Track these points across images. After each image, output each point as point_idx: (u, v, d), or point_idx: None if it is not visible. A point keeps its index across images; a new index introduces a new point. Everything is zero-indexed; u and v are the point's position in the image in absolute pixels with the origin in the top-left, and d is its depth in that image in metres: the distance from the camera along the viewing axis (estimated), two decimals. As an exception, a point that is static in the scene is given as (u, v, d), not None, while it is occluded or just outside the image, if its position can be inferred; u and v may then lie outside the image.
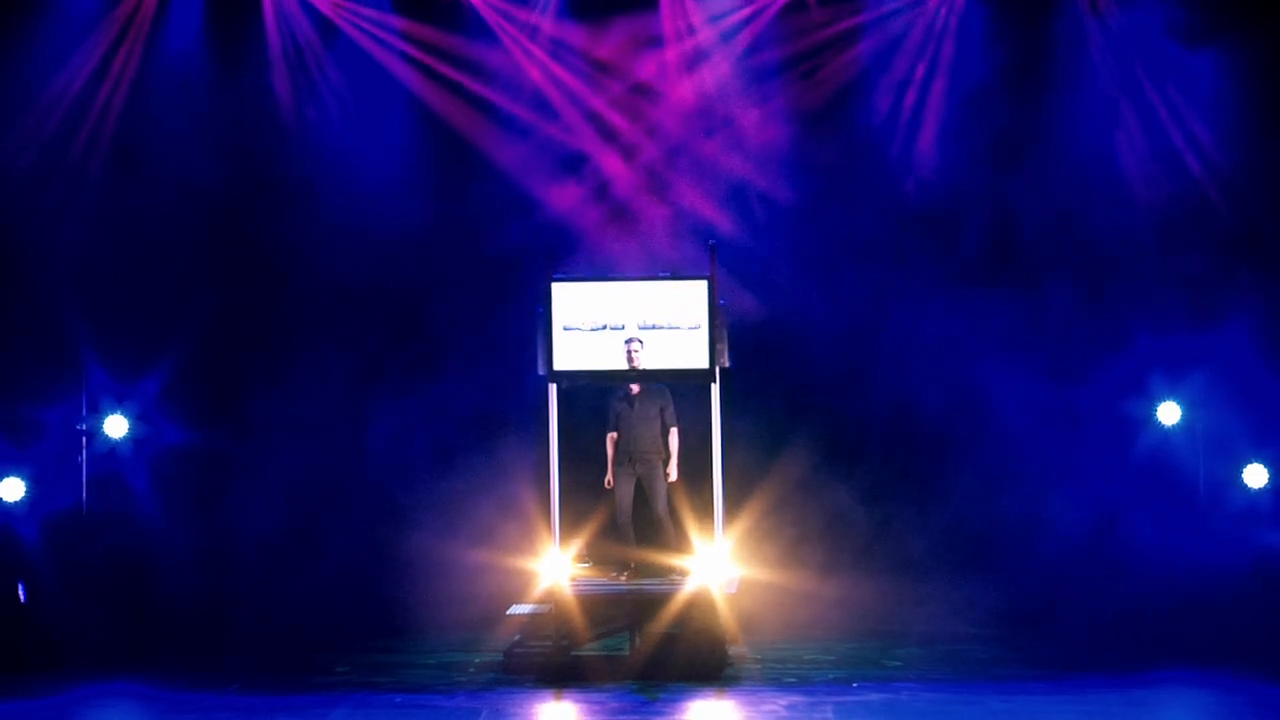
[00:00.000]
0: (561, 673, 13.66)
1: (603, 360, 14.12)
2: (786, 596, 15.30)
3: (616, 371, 14.20)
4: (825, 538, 15.73)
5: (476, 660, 14.36)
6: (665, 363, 14.10)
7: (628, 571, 14.49)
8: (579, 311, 14.11)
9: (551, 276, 14.16)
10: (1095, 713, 12.47)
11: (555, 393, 14.26)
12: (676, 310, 14.05)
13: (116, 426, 15.62)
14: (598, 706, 12.88)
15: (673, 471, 14.59)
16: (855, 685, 13.43)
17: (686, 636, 13.82)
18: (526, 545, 14.80)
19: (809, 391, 15.93)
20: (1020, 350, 15.57)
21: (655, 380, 14.44)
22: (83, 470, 15.57)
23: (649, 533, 14.63)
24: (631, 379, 14.35)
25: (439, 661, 14.46)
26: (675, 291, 14.11)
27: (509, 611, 14.32)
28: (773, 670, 13.97)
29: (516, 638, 14.09)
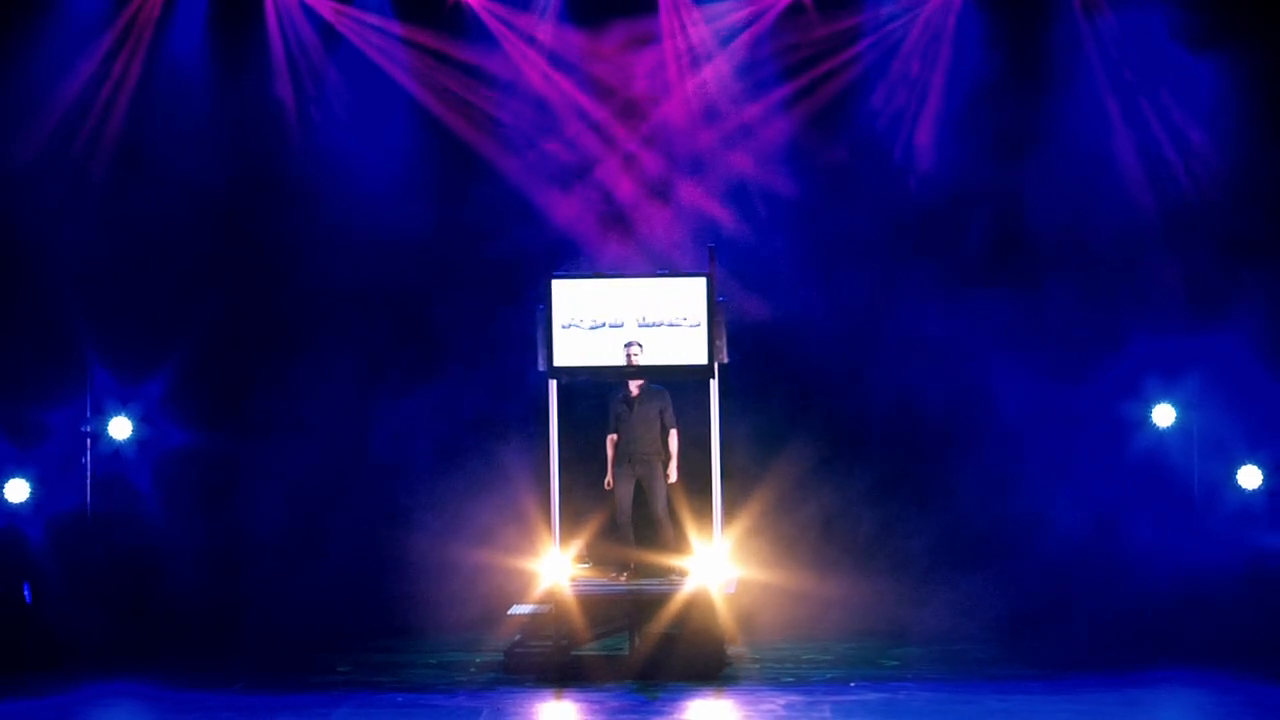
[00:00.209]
0: (561, 672, 13.68)
1: (602, 358, 14.14)
2: (785, 597, 15.28)
3: (616, 367, 14.23)
4: (823, 538, 15.71)
5: (477, 660, 14.38)
6: (664, 359, 14.13)
7: (627, 572, 14.49)
8: (579, 309, 14.13)
9: (551, 274, 14.21)
10: (1091, 712, 12.49)
11: (555, 389, 14.31)
12: (675, 307, 14.08)
13: (120, 428, 15.63)
14: (597, 706, 12.90)
15: (672, 473, 14.57)
16: (853, 685, 13.44)
17: (686, 636, 13.84)
18: (527, 546, 14.79)
19: (807, 393, 15.92)
20: (1018, 350, 15.54)
21: (654, 376, 14.44)
22: (87, 472, 15.59)
23: (648, 533, 14.62)
24: (631, 375, 14.37)
25: (440, 661, 14.47)
26: (674, 289, 14.14)
27: (509, 611, 14.34)
28: (771, 670, 13.99)
29: (517, 638, 14.11)
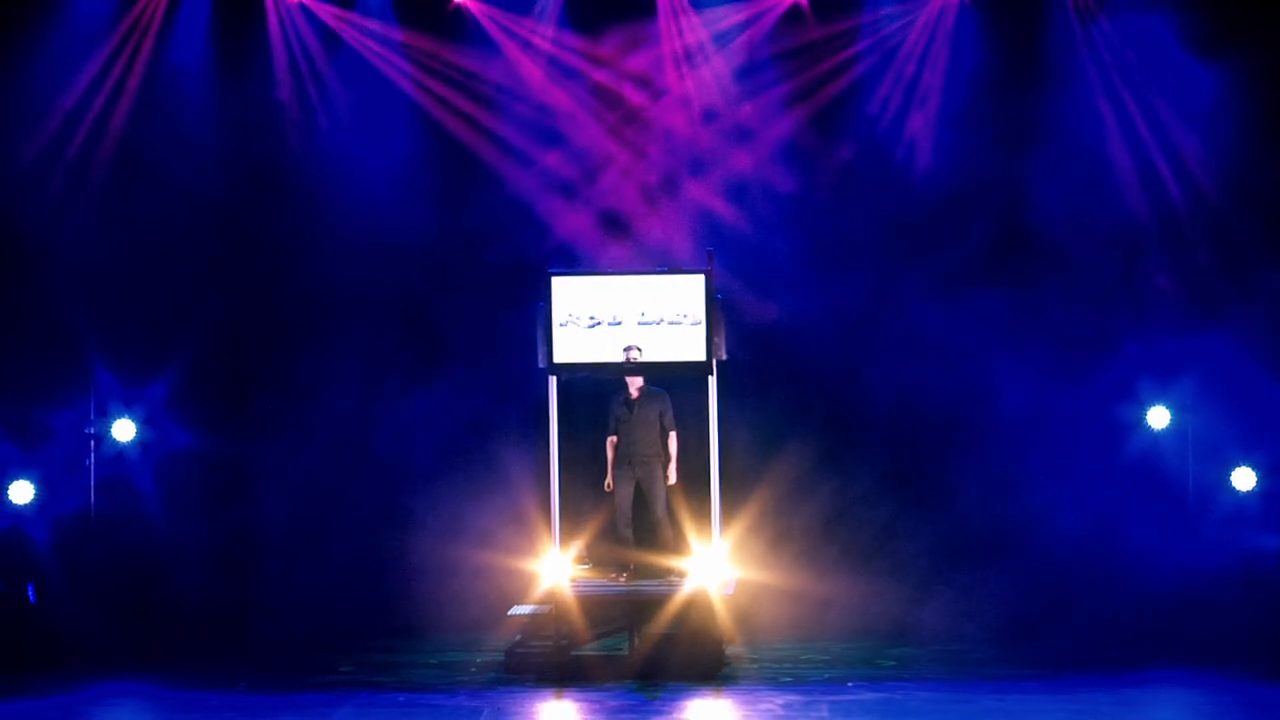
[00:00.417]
0: (562, 672, 13.72)
1: (602, 355, 14.20)
2: (783, 597, 15.30)
3: (616, 364, 14.28)
4: (821, 539, 15.69)
5: (478, 660, 14.42)
6: (663, 356, 14.19)
7: (627, 573, 14.53)
8: (578, 306, 14.19)
9: (551, 271, 14.29)
10: (1087, 712, 12.54)
11: (555, 385, 14.37)
12: (675, 305, 14.14)
13: (124, 430, 15.64)
14: (597, 705, 12.95)
15: (671, 475, 14.62)
16: (850, 685, 13.50)
17: (685, 637, 13.89)
18: (527, 547, 14.82)
19: (805, 395, 15.94)
20: (1017, 351, 15.55)
21: (654, 373, 14.51)
22: (91, 473, 15.60)
23: (648, 535, 14.67)
24: (631, 371, 14.41)
25: (441, 661, 14.52)
26: (673, 286, 14.21)
27: (510, 612, 14.37)
28: (769, 670, 14.05)
29: (517, 638, 14.16)
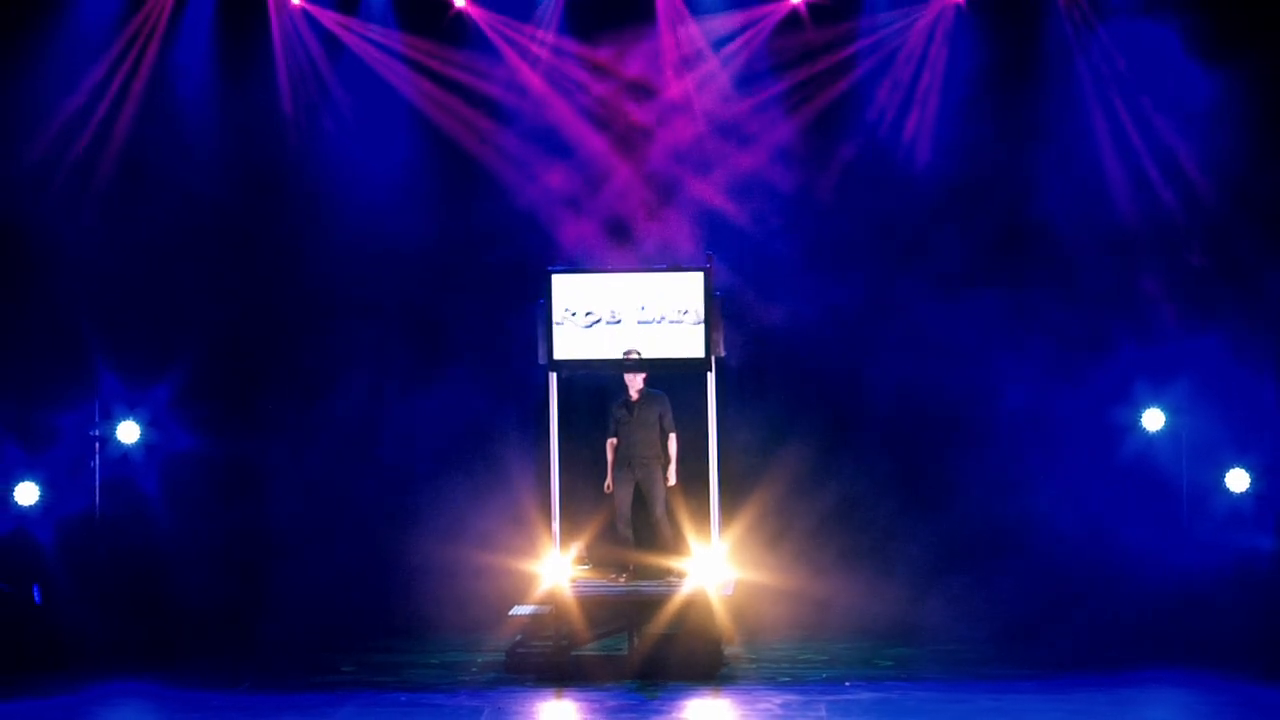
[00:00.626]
0: (562, 672, 13.77)
1: (601, 353, 14.27)
2: (781, 597, 15.33)
3: (616, 360, 14.34)
4: (819, 540, 15.70)
5: (479, 660, 14.46)
6: (662, 353, 14.25)
7: (626, 573, 14.59)
8: (578, 304, 14.25)
9: (550, 269, 14.35)
10: (1082, 711, 12.59)
11: (555, 382, 14.43)
12: (674, 302, 14.19)
13: (128, 432, 15.67)
14: (597, 705, 13.00)
15: (671, 476, 14.68)
16: (848, 684, 13.54)
17: (684, 637, 13.94)
18: (528, 548, 14.85)
19: (804, 396, 15.96)
20: (1014, 352, 15.57)
21: (653, 369, 14.55)
22: (95, 475, 15.63)
23: (647, 536, 14.73)
24: (630, 368, 14.47)
25: (442, 661, 14.56)
26: (673, 284, 14.26)
27: (510, 612, 14.41)
28: (767, 670, 14.09)
29: (518, 638, 14.20)
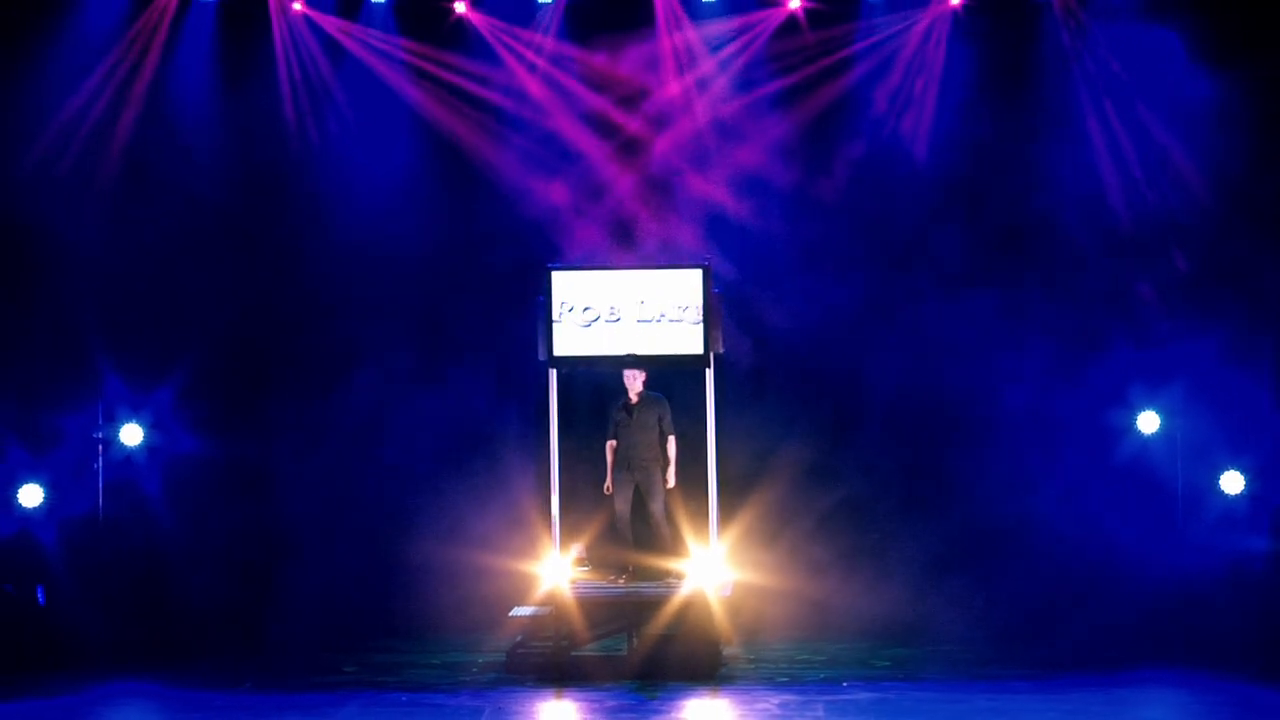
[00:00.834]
0: (562, 672, 13.81)
1: (601, 350, 14.30)
2: (780, 598, 15.37)
3: (615, 357, 14.37)
4: (817, 541, 15.73)
5: (480, 660, 14.51)
6: (661, 350, 14.28)
7: (626, 575, 14.63)
8: (578, 302, 14.27)
9: (550, 266, 14.39)
10: (1078, 711, 12.61)
11: (555, 379, 14.48)
12: (674, 300, 14.22)
13: (132, 434, 15.72)
14: (597, 705, 13.03)
15: (670, 478, 14.72)
16: (845, 685, 13.58)
17: (683, 637, 13.98)
18: (528, 549, 14.88)
19: (804, 396, 16.00)
20: (1014, 352, 15.61)
21: (653, 366, 14.59)
22: (99, 477, 15.68)
23: (647, 537, 14.76)
24: (630, 364, 14.52)
25: (443, 662, 14.61)
26: (672, 281, 14.29)
27: (511, 613, 14.47)
28: (766, 670, 14.13)
29: (518, 639, 14.25)
